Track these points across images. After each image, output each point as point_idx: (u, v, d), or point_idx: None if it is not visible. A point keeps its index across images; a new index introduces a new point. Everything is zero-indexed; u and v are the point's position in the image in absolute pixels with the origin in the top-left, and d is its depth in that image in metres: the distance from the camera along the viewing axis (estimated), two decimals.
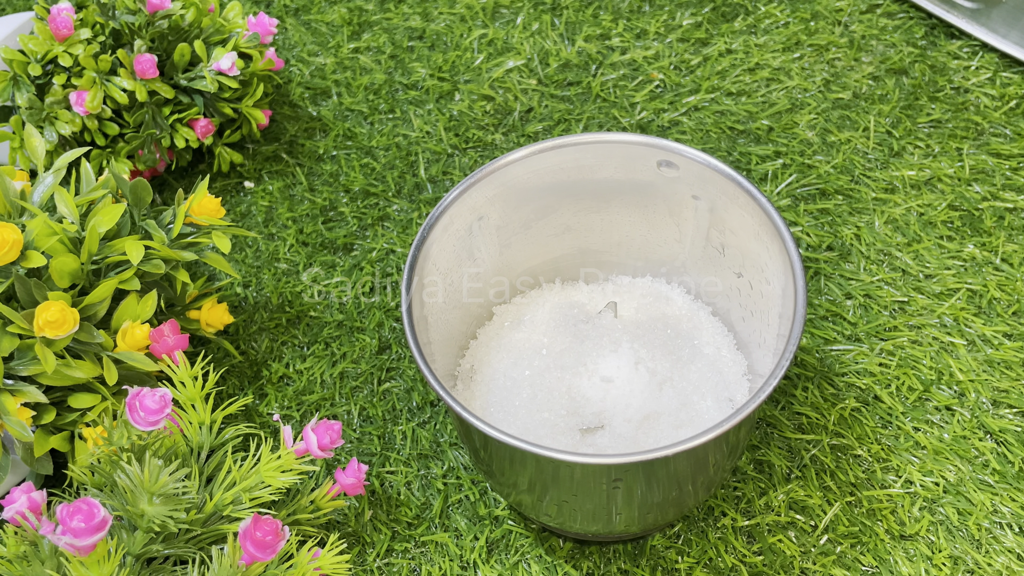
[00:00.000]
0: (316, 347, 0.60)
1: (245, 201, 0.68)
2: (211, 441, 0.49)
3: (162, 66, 0.65)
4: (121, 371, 0.52)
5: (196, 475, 0.46)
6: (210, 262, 0.54)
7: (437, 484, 0.54)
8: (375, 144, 0.70)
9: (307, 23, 0.79)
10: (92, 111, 0.62)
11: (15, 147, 0.62)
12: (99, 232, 0.50)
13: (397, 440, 0.56)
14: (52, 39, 0.62)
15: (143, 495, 0.43)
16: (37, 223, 0.50)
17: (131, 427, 0.46)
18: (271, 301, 0.63)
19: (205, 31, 0.66)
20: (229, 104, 0.67)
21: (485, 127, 0.71)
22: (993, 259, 0.60)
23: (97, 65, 0.62)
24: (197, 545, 0.46)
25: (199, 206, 0.55)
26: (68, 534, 0.40)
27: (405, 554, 0.52)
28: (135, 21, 0.63)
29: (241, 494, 0.46)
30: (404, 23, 0.78)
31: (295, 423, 0.57)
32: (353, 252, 0.65)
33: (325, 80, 0.75)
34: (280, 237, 0.66)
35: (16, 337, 0.48)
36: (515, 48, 0.75)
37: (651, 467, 0.42)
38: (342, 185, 0.68)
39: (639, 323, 0.53)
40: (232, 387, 0.59)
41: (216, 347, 0.60)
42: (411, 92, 0.73)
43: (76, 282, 0.51)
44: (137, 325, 0.52)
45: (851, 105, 0.69)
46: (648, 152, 0.50)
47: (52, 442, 0.50)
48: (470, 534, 0.52)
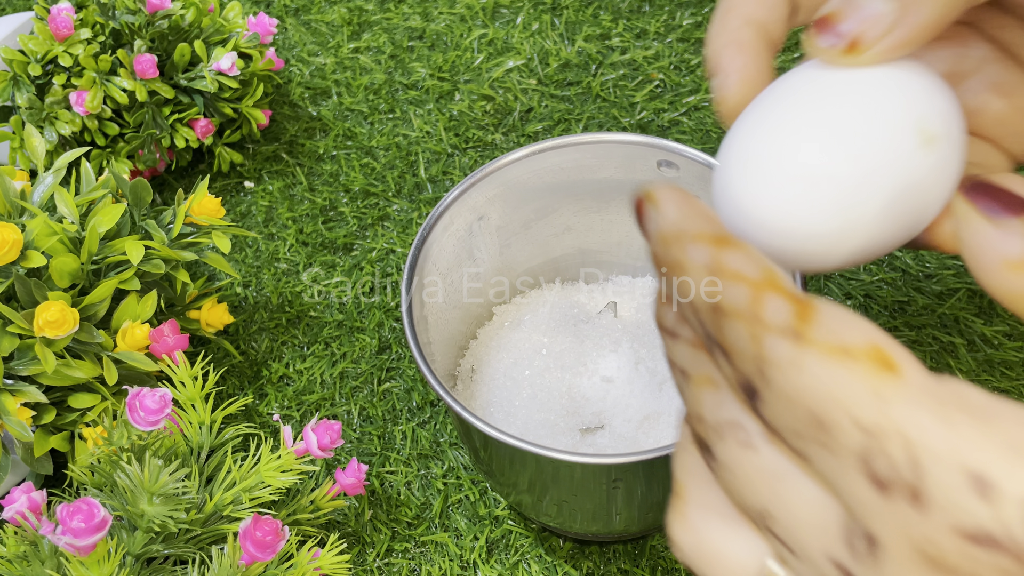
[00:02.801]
0: (316, 347, 0.60)
1: (245, 201, 0.68)
2: (211, 441, 0.49)
3: (162, 66, 0.65)
4: (121, 371, 0.52)
5: (196, 475, 0.46)
6: (210, 262, 0.54)
7: (437, 484, 0.54)
8: (375, 144, 0.70)
9: (307, 23, 0.79)
10: (92, 111, 0.62)
11: (15, 147, 0.62)
12: (99, 232, 0.50)
13: (397, 440, 0.56)
14: (52, 39, 0.62)
15: (143, 495, 0.43)
16: (37, 223, 0.50)
17: (131, 427, 0.46)
18: (271, 301, 0.63)
19: (205, 31, 0.66)
20: (229, 104, 0.67)
21: (485, 127, 0.70)
22: None
23: (97, 65, 0.62)
24: (197, 545, 0.46)
25: (199, 206, 0.55)
26: (68, 534, 0.40)
27: (405, 554, 0.52)
28: (135, 21, 0.63)
29: (241, 494, 0.46)
30: (404, 23, 0.78)
31: (295, 423, 0.57)
32: (353, 252, 0.65)
33: (325, 80, 0.75)
34: (280, 237, 0.66)
35: (16, 337, 0.48)
36: (515, 48, 0.75)
37: (651, 467, 0.42)
38: (342, 185, 0.68)
39: (639, 323, 0.53)
40: (232, 387, 0.59)
41: (216, 347, 0.60)
42: (411, 92, 0.73)
43: (76, 282, 0.51)
44: (137, 325, 0.51)
45: None
46: (648, 152, 0.50)
47: (52, 442, 0.50)
48: (470, 534, 0.52)
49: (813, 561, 0.20)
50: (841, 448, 0.18)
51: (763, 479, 0.21)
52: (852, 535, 0.19)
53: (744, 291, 0.20)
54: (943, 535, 0.17)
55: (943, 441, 0.17)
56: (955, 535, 0.17)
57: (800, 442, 0.19)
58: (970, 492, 0.17)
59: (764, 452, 0.21)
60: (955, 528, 0.17)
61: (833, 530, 0.19)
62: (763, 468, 0.21)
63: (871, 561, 0.18)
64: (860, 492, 0.18)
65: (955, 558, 0.17)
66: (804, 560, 0.20)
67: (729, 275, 0.20)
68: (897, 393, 0.17)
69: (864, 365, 0.18)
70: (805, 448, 0.19)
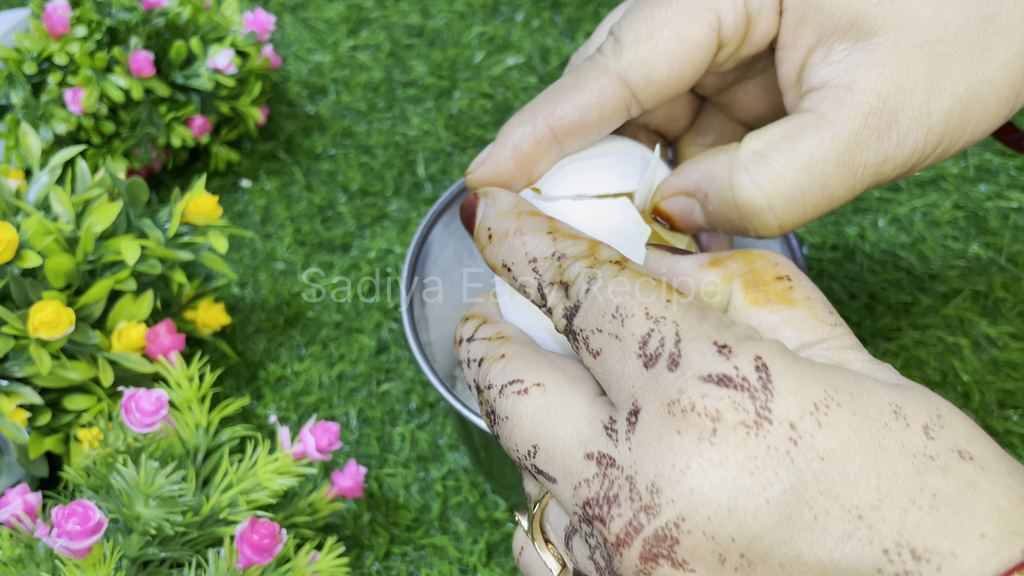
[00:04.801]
0: (314, 348, 0.60)
1: (242, 200, 0.68)
2: (207, 443, 0.49)
3: (158, 64, 0.64)
4: (117, 372, 0.51)
5: (192, 477, 0.46)
6: (206, 262, 0.54)
7: (436, 487, 0.53)
8: (373, 142, 0.70)
9: (305, 20, 0.78)
10: (88, 109, 0.61)
11: (10, 146, 0.61)
12: (95, 232, 0.50)
13: (396, 442, 0.55)
14: (47, 37, 0.61)
15: (139, 497, 0.43)
16: (32, 222, 0.49)
17: (126, 429, 0.45)
18: (268, 301, 0.62)
19: (201, 28, 0.65)
20: (226, 102, 0.66)
21: (485, 125, 0.70)
22: (998, 259, 0.59)
23: (93, 63, 0.61)
24: (194, 548, 0.45)
25: (196, 205, 0.54)
26: (63, 537, 0.39)
27: (404, 557, 0.51)
28: (131, 18, 0.62)
29: (238, 497, 0.46)
30: (403, 20, 0.77)
31: (292, 425, 0.57)
32: (351, 252, 0.64)
33: (323, 78, 0.74)
34: (277, 237, 0.65)
35: (11, 338, 0.47)
36: (515, 45, 0.74)
37: None
38: (340, 184, 0.68)
39: None
40: (229, 388, 0.58)
41: (213, 348, 0.59)
42: (410, 90, 0.73)
43: (71, 282, 0.50)
44: (133, 325, 0.51)
45: None
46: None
47: (47, 444, 0.49)
48: (469, 537, 0.52)
49: (569, 472, 0.26)
50: (628, 335, 0.25)
51: (534, 418, 0.27)
52: (613, 424, 0.25)
53: (583, 243, 0.28)
54: (691, 383, 0.24)
55: (699, 328, 0.25)
56: (700, 381, 0.24)
57: (598, 338, 0.26)
58: (716, 354, 0.24)
59: (532, 393, 0.28)
60: (701, 376, 0.24)
61: (592, 431, 0.26)
62: (535, 407, 0.27)
63: (630, 431, 0.24)
64: (632, 371, 0.25)
65: (697, 399, 0.24)
66: (559, 477, 0.26)
67: (565, 234, 0.29)
68: (678, 302, 0.26)
69: (660, 288, 0.26)
70: (601, 343, 0.26)
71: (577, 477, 0.25)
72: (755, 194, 0.30)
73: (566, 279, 0.28)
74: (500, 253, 0.30)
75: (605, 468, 0.25)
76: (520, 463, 0.28)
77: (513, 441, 0.27)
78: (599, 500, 0.25)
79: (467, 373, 0.31)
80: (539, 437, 0.27)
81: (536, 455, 0.27)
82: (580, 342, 0.27)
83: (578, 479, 0.25)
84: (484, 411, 0.29)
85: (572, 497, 0.25)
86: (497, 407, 0.28)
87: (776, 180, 0.30)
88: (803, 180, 0.30)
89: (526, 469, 0.28)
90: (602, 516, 0.24)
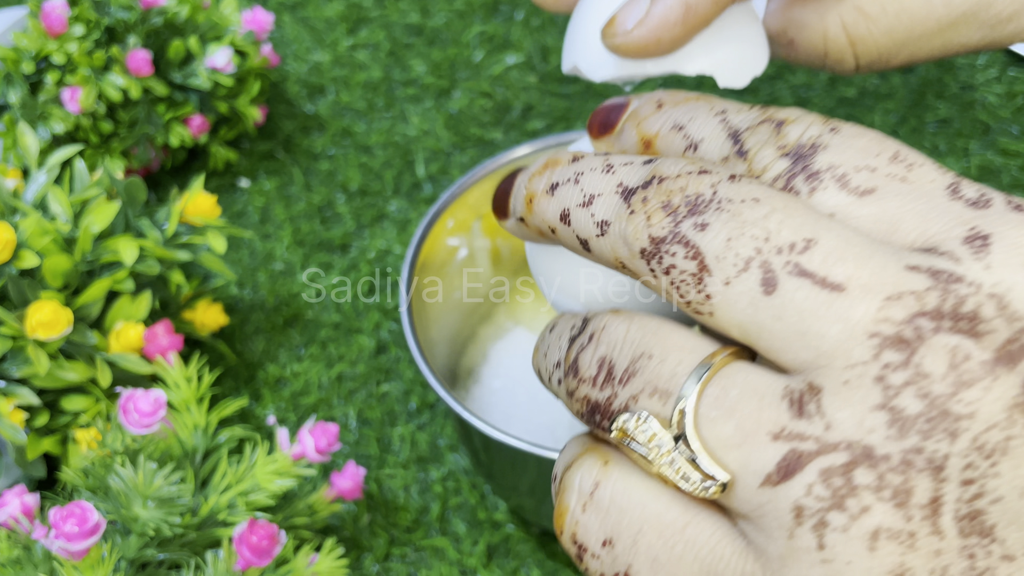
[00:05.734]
0: (312, 348, 0.59)
1: (240, 200, 0.67)
2: (206, 444, 0.48)
3: (156, 63, 0.64)
4: (114, 373, 0.51)
5: (191, 478, 0.46)
6: (205, 262, 0.54)
7: (436, 488, 0.53)
8: (372, 142, 0.70)
9: (304, 19, 0.78)
10: (86, 109, 0.61)
11: (8, 145, 0.61)
12: (93, 232, 0.50)
13: (395, 443, 0.55)
14: (45, 36, 0.61)
15: (137, 499, 0.43)
16: (30, 222, 0.49)
17: (124, 430, 0.45)
18: (267, 302, 0.62)
19: (200, 27, 0.65)
20: (224, 101, 0.66)
21: (484, 125, 0.70)
22: None
23: (91, 62, 0.61)
24: (192, 550, 0.45)
25: (194, 205, 0.54)
26: (61, 538, 0.39)
27: (403, 559, 0.51)
28: (129, 17, 0.62)
29: (236, 498, 0.45)
30: (402, 19, 0.77)
31: (291, 426, 0.56)
32: (350, 252, 0.64)
33: (322, 77, 0.74)
34: (276, 236, 0.65)
35: (8, 339, 0.47)
36: (515, 44, 0.74)
37: None
38: (339, 184, 0.67)
39: None
40: (227, 389, 0.58)
41: (211, 348, 0.59)
42: (409, 89, 0.73)
43: (69, 282, 0.50)
44: (131, 326, 0.51)
45: (857, 103, 0.68)
46: None
47: (45, 445, 0.49)
48: (469, 539, 0.51)
49: (879, 281, 0.19)
50: (922, 178, 0.20)
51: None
52: (942, 250, 0.19)
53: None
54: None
55: None
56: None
57: (865, 176, 0.20)
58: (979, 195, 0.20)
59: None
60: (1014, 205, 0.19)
61: (914, 252, 0.19)
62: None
63: (981, 251, 0.19)
64: (944, 203, 0.20)
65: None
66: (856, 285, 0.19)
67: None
68: None
69: None
70: (876, 181, 0.20)
71: (892, 289, 0.18)
72: None
73: (783, 132, 0.21)
74: (673, 115, 0.23)
75: (945, 282, 0.18)
76: (749, 262, 0.19)
77: (768, 228, 0.19)
78: (942, 312, 0.18)
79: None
80: (818, 232, 0.19)
81: (810, 249, 0.19)
82: (827, 181, 0.20)
83: (894, 291, 0.18)
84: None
85: (876, 312, 0.18)
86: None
87: None
88: None
89: (769, 269, 0.19)
90: (963, 328, 0.18)
